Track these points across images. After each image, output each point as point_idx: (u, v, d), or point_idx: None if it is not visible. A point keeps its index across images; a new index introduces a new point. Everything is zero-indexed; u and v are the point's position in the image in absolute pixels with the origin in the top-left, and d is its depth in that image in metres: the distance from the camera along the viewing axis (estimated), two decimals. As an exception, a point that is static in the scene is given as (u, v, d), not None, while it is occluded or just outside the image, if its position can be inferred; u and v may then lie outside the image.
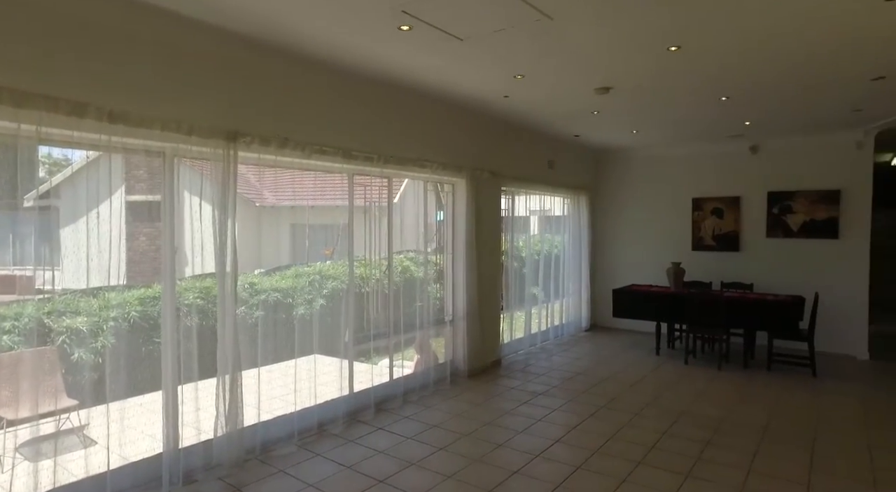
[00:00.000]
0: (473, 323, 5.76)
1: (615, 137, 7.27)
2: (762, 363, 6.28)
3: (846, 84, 4.49)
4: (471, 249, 5.69)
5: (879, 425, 4.41)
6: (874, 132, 6.52)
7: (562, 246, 7.97)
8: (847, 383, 5.65)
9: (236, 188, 3.41)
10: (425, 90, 4.86)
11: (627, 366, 6.32)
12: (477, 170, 5.78)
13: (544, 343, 7.41)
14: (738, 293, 6.58)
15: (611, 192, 8.60)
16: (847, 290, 6.73)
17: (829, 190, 6.83)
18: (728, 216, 7.54)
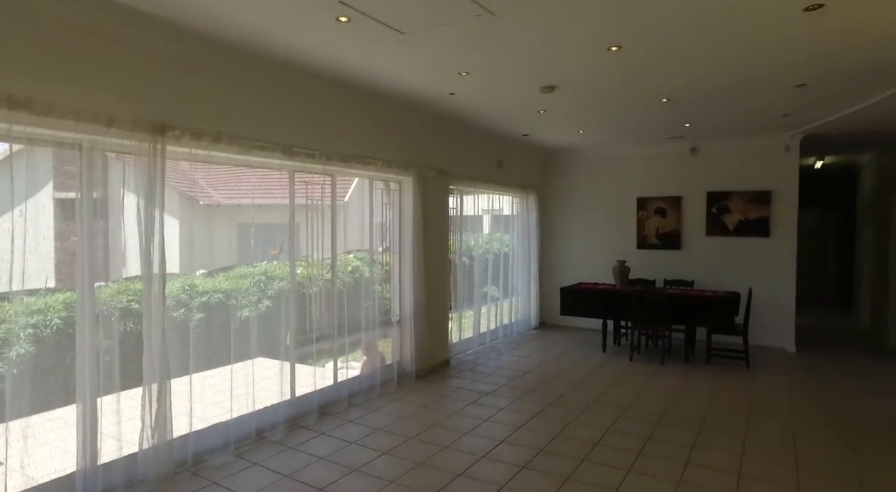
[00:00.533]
0: (421, 323, 5.69)
1: (563, 137, 7.36)
2: (702, 357, 6.50)
3: (774, 90, 4.69)
4: (418, 248, 5.62)
5: (803, 413, 4.63)
6: (800, 136, 6.86)
7: (511, 245, 8.02)
8: (776, 374, 5.92)
9: (164, 184, 3.20)
10: (370, 86, 4.75)
11: (574, 363, 6.40)
12: (424, 168, 5.71)
13: (494, 342, 7.42)
14: (679, 290, 6.79)
15: (559, 191, 8.72)
16: (777, 285, 7.06)
17: (761, 191, 7.14)
18: (671, 215, 7.77)
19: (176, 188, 8.71)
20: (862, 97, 4.99)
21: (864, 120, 5.95)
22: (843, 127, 6.44)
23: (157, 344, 3.12)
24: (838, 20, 3.21)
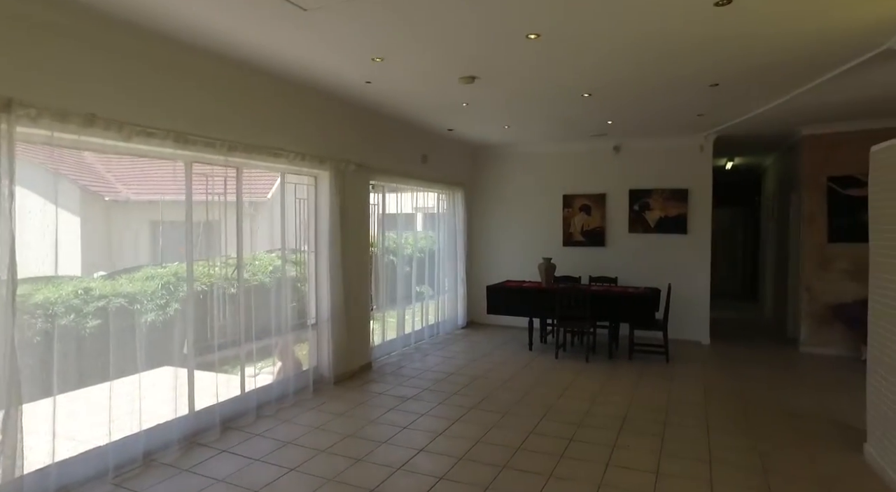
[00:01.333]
0: (340, 325, 5.37)
1: (489, 133, 7.24)
2: (625, 353, 6.59)
3: (690, 88, 4.75)
4: (336, 246, 5.29)
5: (716, 406, 4.73)
6: (713, 137, 7.12)
7: (437, 243, 7.82)
8: (693, 367, 6.08)
9: (14, 173, 2.71)
10: (278, 70, 4.37)
11: (500, 363, 6.30)
12: (342, 162, 5.38)
13: (419, 343, 7.20)
14: (603, 287, 6.85)
15: (487, 188, 8.62)
16: (693, 281, 7.30)
17: (679, 189, 7.35)
18: (595, 213, 7.86)
19: (77, 183, 7.85)
20: (768, 99, 5.17)
21: (767, 122, 6.23)
22: (750, 129, 6.73)
23: (5, 361, 2.63)
24: (747, 17, 3.22)
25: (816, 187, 6.73)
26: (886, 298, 3.55)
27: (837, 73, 4.34)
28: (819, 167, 6.70)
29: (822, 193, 6.69)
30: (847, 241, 6.57)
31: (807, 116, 6.15)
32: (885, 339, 3.53)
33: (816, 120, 6.37)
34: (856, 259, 6.54)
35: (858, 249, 6.53)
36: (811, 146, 6.74)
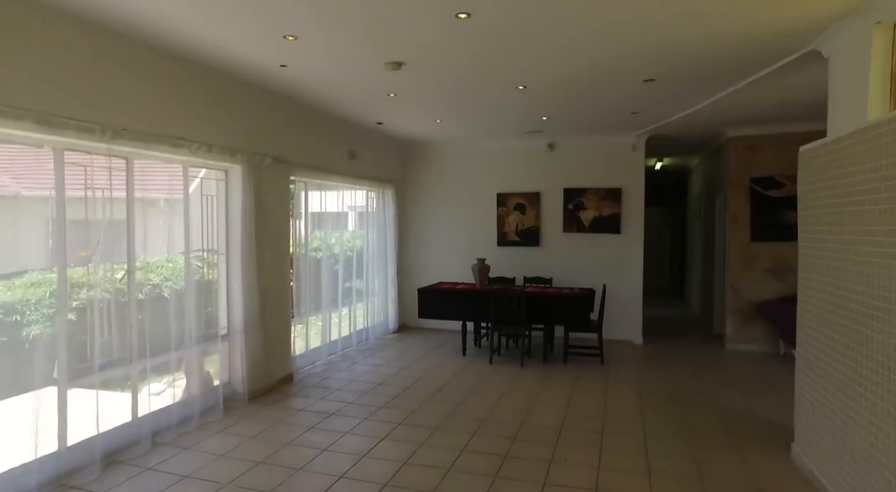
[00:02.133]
0: (255, 336, 4.84)
1: (420, 127, 6.88)
2: (560, 356, 6.44)
3: (625, 83, 4.60)
4: (250, 247, 4.76)
5: (651, 410, 4.62)
6: (645, 136, 7.13)
7: (367, 243, 7.39)
8: (627, 369, 6.00)
9: None
10: (180, 49, 3.81)
11: (433, 370, 5.96)
12: (257, 155, 4.85)
13: (347, 350, 6.74)
14: (538, 288, 6.67)
15: (419, 186, 8.27)
16: (627, 280, 7.28)
17: (613, 188, 7.31)
18: (530, 212, 7.69)
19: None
20: (698, 99, 5.14)
21: (696, 123, 6.27)
22: (680, 130, 6.77)
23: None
24: (683, 9, 3.05)
25: (740, 188, 6.86)
26: (813, 298, 3.50)
27: (765, 74, 4.32)
28: (742, 168, 6.84)
29: (746, 194, 6.83)
30: (769, 240, 6.75)
31: (732, 118, 6.23)
32: (813, 339, 3.49)
33: (741, 122, 6.49)
34: (777, 258, 6.73)
35: (779, 248, 6.73)
36: (735, 148, 6.87)
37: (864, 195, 2.82)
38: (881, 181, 2.65)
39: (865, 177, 2.80)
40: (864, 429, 2.77)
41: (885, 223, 2.60)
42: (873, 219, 2.70)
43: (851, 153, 2.96)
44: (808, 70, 4.30)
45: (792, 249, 6.91)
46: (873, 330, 2.66)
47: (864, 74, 3.28)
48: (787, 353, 6.56)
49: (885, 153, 2.62)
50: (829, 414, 3.20)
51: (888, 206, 2.58)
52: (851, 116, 3.35)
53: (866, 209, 2.79)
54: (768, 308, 6.54)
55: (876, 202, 2.70)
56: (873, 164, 2.73)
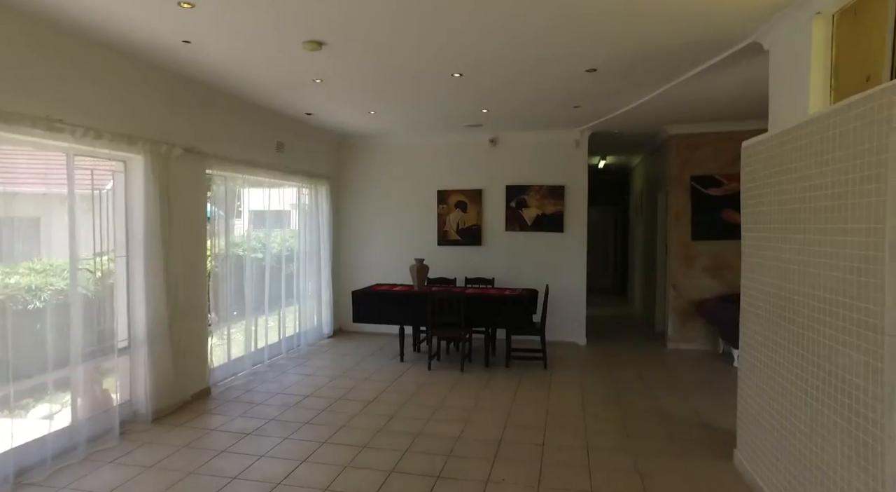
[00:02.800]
0: (162, 347, 4.30)
1: (354, 119, 6.45)
2: (502, 360, 6.19)
3: (566, 73, 4.37)
4: (155, 250, 4.22)
5: (594, 417, 4.42)
6: (588, 133, 6.99)
7: (298, 243, 6.89)
8: (571, 372, 5.82)
9: None
10: (48, 12, 3.25)
11: (367, 379, 5.57)
12: (163, 144, 4.31)
13: (275, 358, 6.24)
14: (478, 290, 6.40)
15: (355, 182, 7.83)
16: (570, 280, 7.13)
17: (556, 185, 7.13)
18: (471, 210, 7.41)
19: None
20: (640, 92, 4.99)
21: (638, 120, 6.16)
22: (622, 126, 6.67)
23: None
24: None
25: (681, 186, 6.83)
26: (756, 300, 3.36)
27: (707, 68, 4.19)
28: (683, 166, 6.81)
29: (687, 192, 6.81)
30: (709, 239, 6.75)
31: (674, 116, 6.16)
32: (756, 343, 3.35)
33: (682, 120, 6.43)
34: (715, 256, 6.74)
35: (717, 247, 6.74)
36: (676, 146, 6.83)
37: (809, 192, 2.66)
38: (826, 177, 2.49)
39: (811, 172, 2.64)
40: (807, 438, 2.61)
41: (831, 221, 2.43)
42: (820, 216, 2.53)
43: (796, 147, 2.80)
44: (749, 66, 4.21)
45: (731, 247, 7.03)
46: (819, 334, 2.50)
47: (804, 67, 3.16)
48: (725, 351, 6.57)
49: (829, 147, 2.46)
50: (773, 421, 3.05)
51: (834, 202, 2.42)
52: (794, 110, 3.21)
53: (811, 207, 2.63)
54: (708, 307, 6.52)
55: (821, 199, 2.54)
56: (817, 158, 2.57)
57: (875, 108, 2.08)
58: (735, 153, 6.82)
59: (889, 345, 1.98)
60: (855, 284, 2.20)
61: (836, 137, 2.40)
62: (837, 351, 2.34)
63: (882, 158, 2.04)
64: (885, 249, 2.00)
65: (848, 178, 2.29)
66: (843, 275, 2.30)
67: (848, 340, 2.24)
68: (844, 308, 2.28)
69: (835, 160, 2.41)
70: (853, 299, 2.21)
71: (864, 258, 2.14)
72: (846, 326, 2.26)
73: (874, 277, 2.06)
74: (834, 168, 2.42)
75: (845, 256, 2.30)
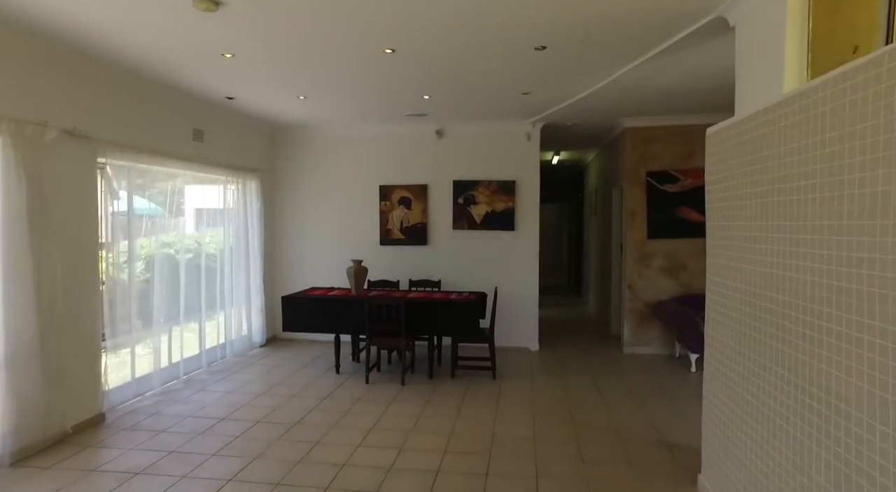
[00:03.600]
0: (28, 370, 3.56)
1: (283, 106, 5.78)
2: (448, 369, 5.67)
3: (513, 51, 3.88)
4: (18, 252, 3.48)
5: (545, 438, 3.96)
6: (540, 125, 6.57)
7: (223, 244, 6.17)
8: (521, 383, 5.36)
9: None
10: None
11: (296, 395, 4.95)
12: (30, 124, 3.57)
13: (194, 374, 5.52)
14: (421, 294, 5.86)
15: (290, 177, 7.15)
16: (522, 282, 6.69)
17: (506, 180, 6.68)
18: (416, 207, 6.87)
19: None
20: (592, 78, 4.57)
21: (592, 111, 5.77)
22: (576, 118, 6.27)
23: None
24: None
25: (636, 182, 6.49)
26: (724, 307, 2.96)
27: (666, 48, 3.78)
28: (638, 161, 6.47)
29: (642, 189, 6.47)
30: (665, 237, 6.43)
31: (629, 107, 5.79)
32: (723, 356, 2.95)
33: (638, 112, 6.08)
34: (672, 256, 6.43)
35: (673, 246, 6.44)
36: (632, 140, 6.48)
37: (789, 182, 2.25)
38: (812, 163, 2.07)
39: (792, 159, 2.23)
40: (782, 469, 2.19)
41: (820, 216, 2.02)
42: (804, 211, 2.12)
43: (773, 130, 2.39)
44: (709, 52, 3.84)
45: (687, 246, 6.75)
46: (805, 353, 2.08)
47: (777, 42, 2.76)
48: (682, 355, 6.27)
49: (816, 127, 2.04)
50: (741, 446, 2.65)
51: (824, 194, 2.00)
52: (766, 90, 2.81)
53: (792, 200, 2.22)
54: (663, 310, 6.20)
55: (805, 190, 2.13)
56: (801, 142, 2.16)
57: (883, 74, 1.65)
58: (692, 147, 6.63)
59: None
60: (854, 294, 1.77)
61: (825, 116, 1.98)
62: (830, 375, 1.92)
63: (892, 137, 1.61)
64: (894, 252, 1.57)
65: (844, 164, 1.87)
66: (839, 283, 1.88)
67: (847, 364, 1.82)
68: (839, 324, 1.86)
69: (824, 143, 1.99)
70: (851, 314, 1.79)
71: (866, 263, 1.71)
72: (844, 346, 1.84)
73: (880, 288, 1.63)
74: (824, 153, 2.00)
75: (838, 260, 1.88)
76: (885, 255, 1.62)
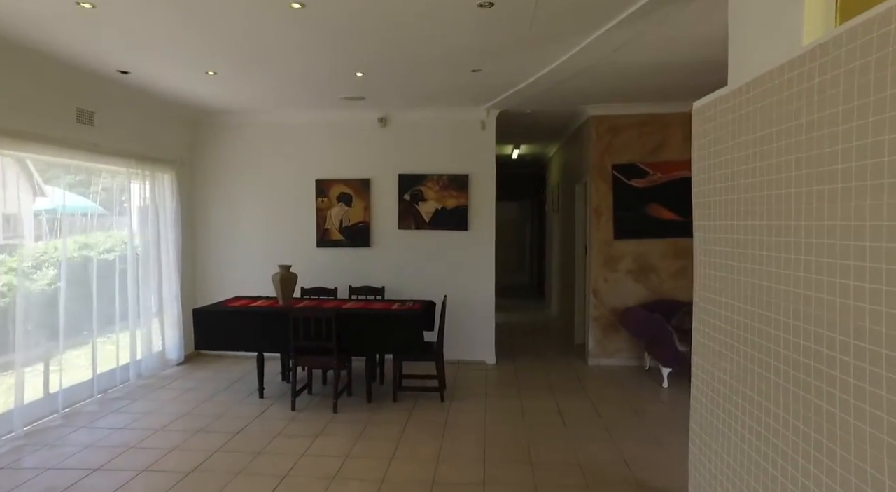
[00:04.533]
0: None
1: (194, 84, 4.90)
2: (390, 390, 4.91)
3: (452, 10, 3.15)
4: None
5: (497, 480, 3.27)
6: (496, 112, 5.88)
7: (127, 247, 5.24)
8: (474, 406, 4.65)
9: None
10: None
11: (202, 429, 4.11)
12: None
13: (80, 405, 4.59)
14: (360, 304, 5.09)
15: (216, 171, 6.25)
16: (477, 288, 5.99)
17: (459, 174, 5.96)
18: (357, 204, 6.07)
19: None
20: (552, 52, 3.89)
21: (553, 95, 5.11)
22: (536, 104, 5.61)
23: None
24: None
25: (602, 177, 5.87)
26: (714, 330, 2.31)
27: (639, 8, 3.12)
28: (604, 154, 5.85)
29: (608, 184, 5.86)
30: (632, 237, 5.84)
31: (594, 91, 5.14)
32: (714, 392, 2.30)
33: (603, 98, 5.45)
34: (639, 258, 5.85)
35: (642, 247, 5.84)
36: (597, 129, 5.85)
37: (811, 167, 1.59)
38: (847, 139, 1.42)
39: (817, 135, 1.57)
40: None
41: (853, 215, 1.37)
42: (832, 208, 1.46)
43: (789, 97, 1.73)
44: (687, 15, 3.21)
45: (657, 247, 6.16)
46: (827, 400, 1.42)
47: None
48: (652, 367, 5.69)
49: (858, 88, 1.38)
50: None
51: (865, 182, 1.35)
52: (772, 46, 2.15)
53: (815, 191, 1.57)
54: (632, 317, 5.60)
55: (834, 178, 1.48)
56: (830, 111, 1.50)
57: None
58: (662, 138, 6.02)
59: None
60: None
61: (875, 66, 1.32)
62: (858, 432, 1.26)
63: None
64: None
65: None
66: (882, 308, 1.22)
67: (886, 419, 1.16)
68: (876, 364, 1.21)
69: (867, 110, 1.34)
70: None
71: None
72: (884, 395, 1.18)
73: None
74: (864, 124, 1.34)
75: (886, 276, 1.22)
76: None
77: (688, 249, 5.80)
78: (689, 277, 5.78)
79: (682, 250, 5.74)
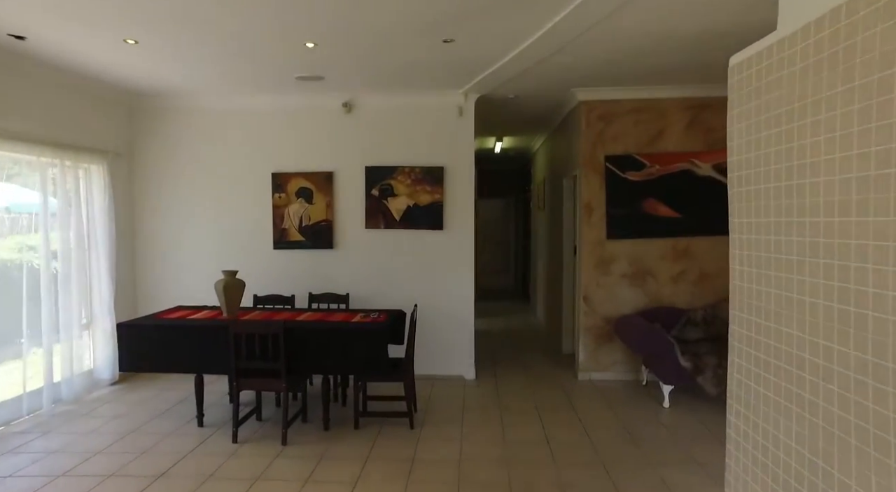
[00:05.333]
0: None
1: (117, 56, 4.15)
2: (351, 415, 4.23)
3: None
4: None
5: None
6: (474, 96, 5.22)
7: (48, 253, 4.48)
8: (448, 434, 3.99)
9: None
10: None
11: (118, 471, 3.40)
12: None
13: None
14: (317, 315, 4.41)
15: (159, 162, 5.51)
16: (453, 295, 5.33)
17: (433, 167, 5.29)
18: (319, 200, 5.38)
19: None
20: (534, 16, 3.24)
21: (539, 79, 4.48)
22: (519, 88, 4.97)
23: None
24: None
25: (594, 169, 5.25)
26: (764, 352, 1.69)
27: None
28: (596, 143, 5.23)
29: (601, 177, 5.23)
30: (627, 237, 5.22)
31: (585, 71, 4.51)
32: (765, 439, 1.68)
33: (595, 80, 4.81)
34: (635, 260, 5.24)
35: (638, 247, 5.23)
36: (587, 117, 5.23)
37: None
38: None
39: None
40: None
41: None
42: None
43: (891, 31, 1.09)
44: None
45: (654, 248, 5.51)
46: None
47: None
48: (650, 382, 5.08)
49: None
50: None
51: None
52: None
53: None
54: (628, 327, 4.98)
55: None
56: None
57: None
58: (661, 126, 5.34)
59: None
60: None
61: None
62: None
63: None
64: None
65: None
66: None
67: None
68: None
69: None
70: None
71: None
72: None
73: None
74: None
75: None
76: None
77: (689, 251, 5.28)
78: (690, 282, 5.24)
79: (682, 252, 5.16)
